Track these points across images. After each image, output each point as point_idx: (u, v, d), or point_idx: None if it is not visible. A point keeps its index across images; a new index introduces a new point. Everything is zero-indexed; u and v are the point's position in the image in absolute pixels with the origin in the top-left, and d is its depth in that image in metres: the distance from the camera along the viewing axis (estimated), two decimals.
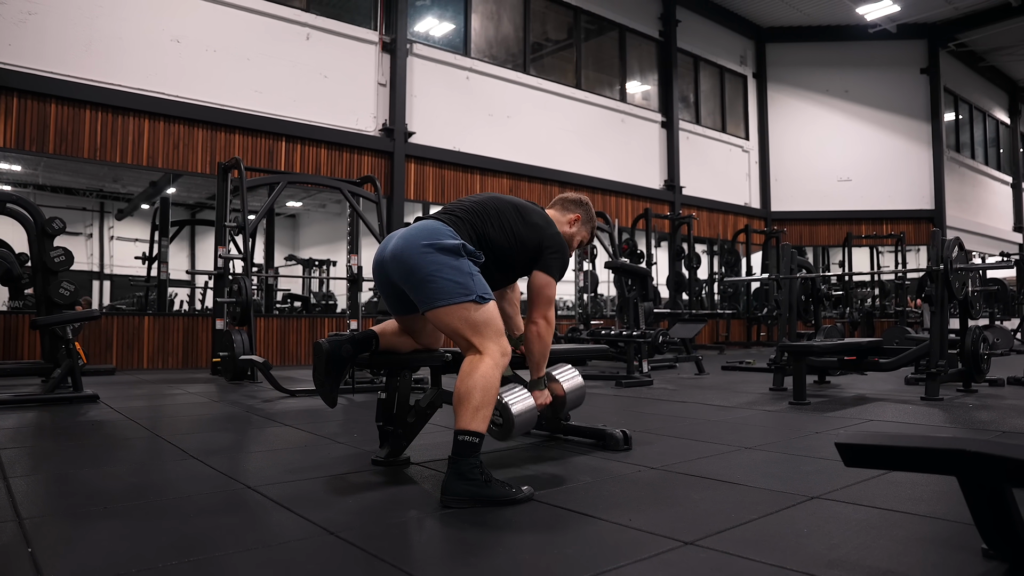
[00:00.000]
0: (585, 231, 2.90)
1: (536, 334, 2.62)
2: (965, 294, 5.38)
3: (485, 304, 2.36)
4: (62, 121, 7.77)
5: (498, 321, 2.40)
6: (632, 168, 13.60)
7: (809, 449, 3.15)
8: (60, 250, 5.63)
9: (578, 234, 2.86)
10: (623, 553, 1.75)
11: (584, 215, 2.88)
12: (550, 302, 2.62)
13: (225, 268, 7.08)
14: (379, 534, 1.96)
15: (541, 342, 2.62)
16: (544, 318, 2.61)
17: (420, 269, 2.35)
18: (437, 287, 2.34)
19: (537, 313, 2.61)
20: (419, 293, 2.39)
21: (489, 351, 2.34)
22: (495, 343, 2.36)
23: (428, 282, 2.34)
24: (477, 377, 2.28)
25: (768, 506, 2.16)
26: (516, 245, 2.57)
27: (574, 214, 2.85)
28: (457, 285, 2.34)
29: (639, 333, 6.45)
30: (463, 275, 2.36)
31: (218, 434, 3.77)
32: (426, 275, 2.34)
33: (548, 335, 2.63)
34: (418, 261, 2.36)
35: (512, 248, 2.56)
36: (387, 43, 10.33)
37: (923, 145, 16.37)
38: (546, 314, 2.61)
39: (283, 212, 17.32)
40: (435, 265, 2.34)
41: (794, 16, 15.91)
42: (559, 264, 2.63)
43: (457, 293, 2.33)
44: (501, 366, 2.35)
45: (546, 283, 2.60)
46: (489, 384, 2.28)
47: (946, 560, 1.70)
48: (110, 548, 1.82)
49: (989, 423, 3.90)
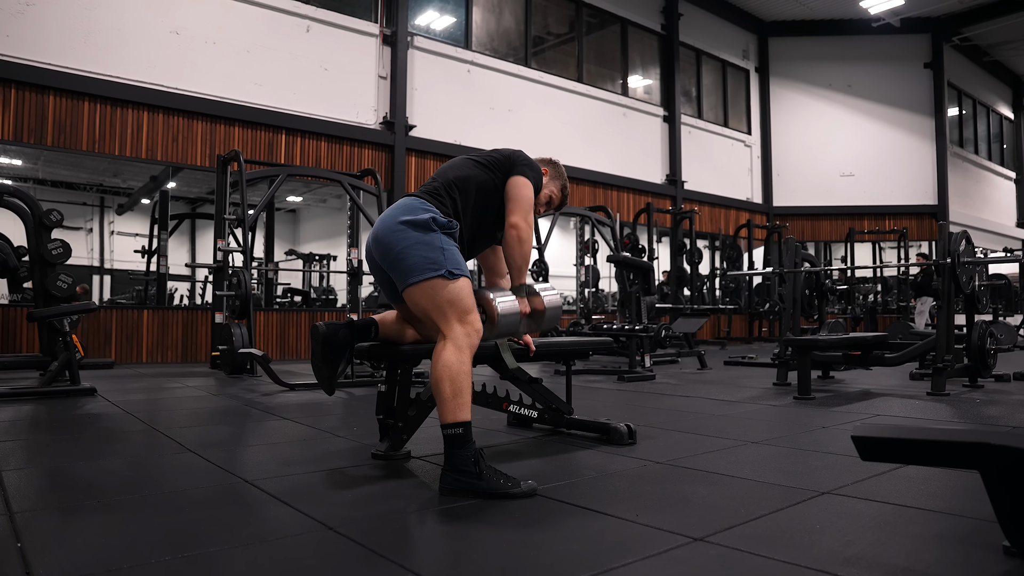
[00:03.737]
0: (555, 186, 2.83)
1: (516, 238, 2.51)
2: (972, 288, 5.32)
3: (454, 280, 2.30)
4: (61, 113, 7.70)
5: (465, 299, 2.31)
6: (634, 162, 13.53)
7: (817, 444, 3.09)
8: (58, 242, 5.58)
9: (546, 187, 2.78)
10: (630, 549, 1.70)
11: (553, 171, 2.83)
12: (529, 205, 2.54)
13: (224, 261, 7.02)
14: (378, 529, 1.90)
15: (522, 246, 2.52)
16: (524, 220, 2.51)
17: (393, 247, 2.33)
18: (408, 264, 2.31)
19: (515, 216, 2.51)
20: (395, 273, 2.37)
21: (451, 334, 2.27)
22: (458, 323, 2.28)
23: (400, 260, 2.32)
24: (440, 368, 2.22)
25: (778, 501, 2.11)
26: (497, 176, 2.56)
27: (543, 168, 2.79)
28: (426, 260, 2.29)
29: (641, 327, 6.39)
30: (433, 250, 2.31)
31: (216, 428, 3.72)
32: (398, 252, 2.32)
33: (529, 239, 2.54)
34: (392, 239, 2.34)
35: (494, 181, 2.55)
36: (388, 36, 10.26)
37: (926, 140, 16.28)
38: (526, 217, 2.52)
39: (283, 207, 17.25)
40: (407, 242, 2.31)
41: (797, 10, 15.81)
42: (533, 172, 2.59)
43: (426, 268, 2.28)
44: (466, 346, 2.26)
45: (522, 184, 2.54)
46: (454, 371, 2.21)
47: (966, 558, 1.65)
48: (102, 543, 1.77)
49: (998, 418, 3.85)
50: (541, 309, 2.71)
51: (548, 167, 2.83)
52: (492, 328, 2.53)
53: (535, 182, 2.60)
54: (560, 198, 2.87)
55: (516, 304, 2.57)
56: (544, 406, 3.26)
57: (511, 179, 2.55)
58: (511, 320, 2.56)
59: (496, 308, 2.52)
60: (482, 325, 2.43)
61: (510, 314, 2.55)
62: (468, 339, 2.28)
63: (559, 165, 2.88)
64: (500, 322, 2.52)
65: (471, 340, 2.29)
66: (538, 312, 2.71)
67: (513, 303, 2.57)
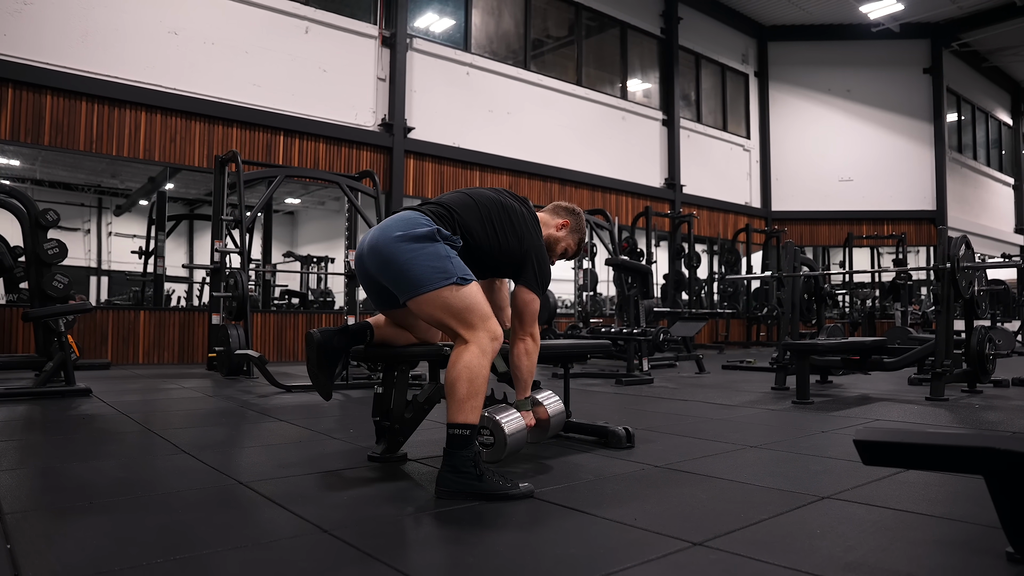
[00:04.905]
0: (572, 240, 2.79)
1: (524, 351, 2.55)
2: (971, 293, 5.31)
3: (466, 286, 2.27)
4: (58, 113, 7.68)
5: (482, 304, 2.30)
6: (632, 166, 13.52)
7: (816, 448, 3.07)
8: (54, 242, 5.56)
9: (563, 240, 2.76)
10: (629, 554, 1.68)
11: (574, 223, 2.79)
12: (535, 318, 2.56)
13: (222, 262, 6.99)
14: (374, 532, 1.88)
15: (529, 360, 2.56)
16: (531, 336, 2.55)
17: (395, 259, 2.28)
18: (414, 275, 2.26)
19: (524, 331, 2.54)
20: (398, 284, 2.32)
21: (475, 337, 2.25)
22: (482, 328, 2.26)
23: (405, 271, 2.27)
24: (461, 368, 2.20)
25: (778, 506, 2.08)
26: (499, 248, 2.48)
27: (563, 219, 2.76)
28: (434, 270, 2.25)
29: (640, 331, 6.37)
30: (440, 259, 2.27)
31: (211, 429, 3.69)
32: (402, 264, 2.27)
33: (535, 353, 2.57)
34: (393, 251, 2.29)
35: (493, 250, 2.48)
36: (387, 37, 10.24)
37: (925, 146, 16.29)
38: (532, 332, 2.55)
39: (281, 209, 17.22)
40: (410, 253, 2.27)
41: (796, 14, 15.83)
42: (542, 277, 2.56)
43: (436, 278, 2.25)
44: (489, 351, 2.26)
45: (531, 299, 2.53)
46: (475, 373, 2.20)
47: (968, 564, 1.63)
48: (93, 545, 1.74)
49: (998, 424, 3.83)
50: (546, 419, 2.82)
51: (569, 217, 2.78)
52: (502, 449, 2.55)
53: (545, 282, 2.57)
54: (575, 250, 2.84)
55: (522, 421, 2.61)
56: None
57: (521, 290, 2.53)
58: (519, 438, 2.61)
59: (505, 430, 2.54)
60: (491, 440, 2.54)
61: (518, 432, 2.59)
62: (492, 344, 2.27)
63: (580, 217, 2.83)
64: (509, 442, 2.55)
65: (495, 346, 2.28)
66: (543, 422, 2.81)
67: (519, 421, 2.60)
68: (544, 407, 2.82)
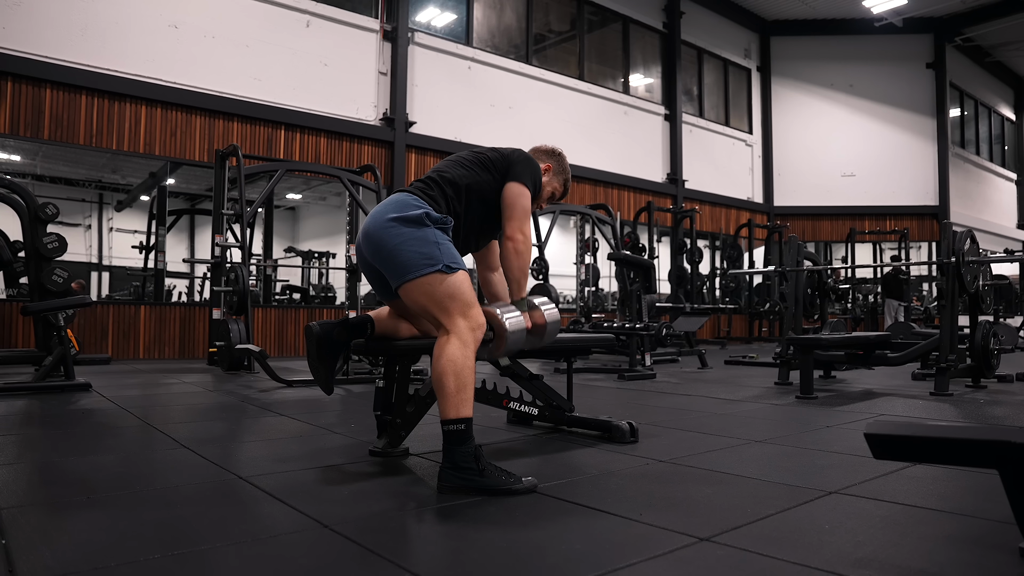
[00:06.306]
0: (557, 182, 2.77)
1: (514, 250, 2.45)
2: (976, 288, 5.27)
3: (452, 274, 2.23)
4: (58, 106, 7.64)
5: (466, 292, 2.25)
6: (635, 161, 13.48)
7: (821, 443, 3.04)
8: (53, 236, 5.54)
9: (549, 184, 2.74)
10: (635, 549, 1.65)
11: (556, 166, 2.77)
12: (526, 214, 2.48)
13: (222, 257, 6.96)
14: (375, 528, 1.85)
15: (520, 258, 2.46)
16: (521, 232, 2.45)
17: (386, 244, 2.26)
18: (402, 260, 2.24)
19: (513, 227, 2.45)
20: (389, 269, 2.30)
21: (455, 328, 2.21)
22: (462, 318, 2.22)
23: (394, 256, 2.25)
24: (445, 362, 2.15)
25: (785, 501, 2.05)
26: (484, 171, 2.49)
27: (545, 163, 2.74)
28: (421, 256, 2.22)
29: (642, 326, 6.34)
30: (428, 244, 2.24)
31: (211, 423, 3.66)
32: (391, 249, 2.25)
33: (527, 251, 2.47)
34: (383, 236, 2.27)
35: (483, 186, 2.47)
36: (388, 31, 10.20)
37: (928, 141, 16.23)
38: (522, 227, 2.45)
39: (283, 204, 17.19)
40: (400, 238, 2.24)
41: (799, 9, 15.76)
42: (531, 174, 2.52)
43: (422, 264, 2.22)
44: (471, 342, 2.21)
45: (519, 192, 2.47)
46: (459, 366, 2.15)
47: (981, 560, 1.60)
48: (90, 540, 1.72)
49: (1004, 418, 3.80)
50: (542, 324, 2.66)
51: (551, 160, 2.77)
52: (501, 345, 2.46)
53: (533, 185, 2.53)
54: (562, 192, 2.82)
55: (522, 320, 2.50)
56: (544, 403, 3.21)
57: (508, 185, 2.48)
58: (518, 337, 2.49)
59: (505, 324, 2.43)
60: (491, 336, 2.38)
61: (518, 330, 2.48)
62: (473, 334, 2.22)
63: (562, 157, 2.81)
64: (508, 339, 2.45)
65: (476, 335, 2.23)
66: (539, 327, 2.66)
67: (520, 319, 2.49)
68: (541, 311, 2.65)
